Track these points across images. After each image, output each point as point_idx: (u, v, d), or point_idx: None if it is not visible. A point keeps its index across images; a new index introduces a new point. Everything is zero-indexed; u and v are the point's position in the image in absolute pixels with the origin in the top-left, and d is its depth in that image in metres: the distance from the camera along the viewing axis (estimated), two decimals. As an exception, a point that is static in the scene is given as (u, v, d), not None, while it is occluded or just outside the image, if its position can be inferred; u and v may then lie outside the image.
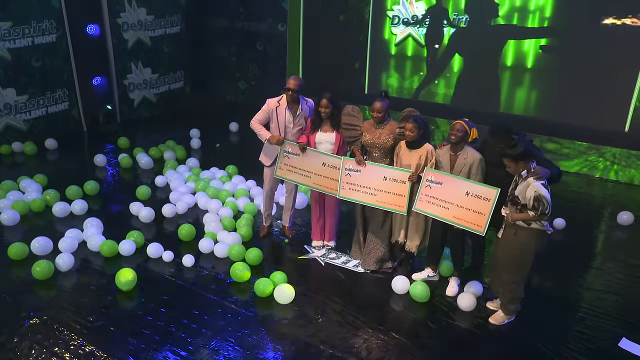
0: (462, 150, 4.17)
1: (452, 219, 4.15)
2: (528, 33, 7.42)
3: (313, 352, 3.84)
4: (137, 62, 9.18)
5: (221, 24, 10.42)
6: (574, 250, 5.34)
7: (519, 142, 3.62)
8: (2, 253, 4.93)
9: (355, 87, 9.07)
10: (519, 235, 3.82)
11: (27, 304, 4.26)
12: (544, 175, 3.60)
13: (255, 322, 4.18)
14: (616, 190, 6.91)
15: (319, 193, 5.04)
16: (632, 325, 4.18)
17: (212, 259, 5.01)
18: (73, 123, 8.48)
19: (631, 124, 7.01)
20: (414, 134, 4.31)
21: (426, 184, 4.30)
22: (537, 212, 3.68)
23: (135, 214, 5.70)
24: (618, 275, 4.92)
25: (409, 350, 3.86)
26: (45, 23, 7.79)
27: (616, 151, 7.15)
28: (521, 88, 7.75)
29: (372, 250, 4.84)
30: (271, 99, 5.02)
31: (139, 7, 8.96)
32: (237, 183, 6.47)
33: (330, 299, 4.46)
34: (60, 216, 5.66)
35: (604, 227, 6.01)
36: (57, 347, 3.78)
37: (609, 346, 3.96)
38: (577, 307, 4.43)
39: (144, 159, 7.13)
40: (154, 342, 3.88)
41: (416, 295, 4.38)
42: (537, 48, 7.38)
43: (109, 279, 4.62)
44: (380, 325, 4.14)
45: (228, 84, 10.76)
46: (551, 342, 3.98)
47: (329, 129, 4.82)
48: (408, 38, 8.44)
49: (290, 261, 5.04)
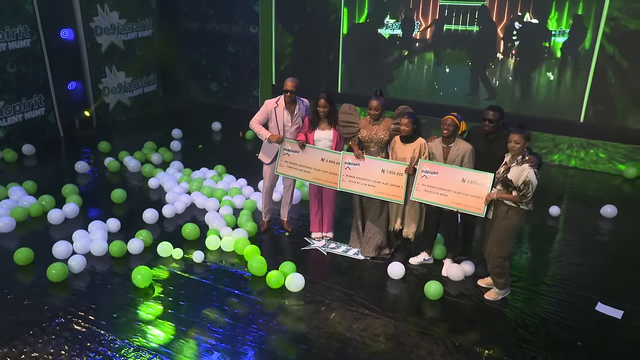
0: (454, 142, 4.61)
1: (452, 205, 4.58)
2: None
3: (331, 332, 4.17)
4: (111, 66, 9.18)
5: (192, 27, 10.53)
6: (546, 230, 5.92)
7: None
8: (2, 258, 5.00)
9: (329, 86, 9.42)
10: (510, 214, 4.29)
11: (49, 305, 4.37)
12: (537, 163, 4.08)
13: (272, 309, 4.47)
14: (574, 176, 7.61)
15: (317, 187, 5.37)
16: (605, 291, 4.75)
17: (218, 254, 5.24)
18: (50, 129, 8.42)
19: (585, 115, 7.75)
20: (408, 129, 4.71)
21: (422, 174, 4.71)
22: (519, 193, 4.17)
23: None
24: (588, 250, 5.52)
25: (416, 328, 4.26)
26: (19, 28, 7.71)
27: (573, 140, 7.86)
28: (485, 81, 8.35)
29: (372, 238, 5.21)
30: (269, 100, 5.30)
31: (111, 11, 8.98)
32: (229, 182, 6.69)
33: (338, 285, 4.80)
34: (56, 223, 5.71)
35: (571, 208, 6.62)
36: (88, 342, 3.94)
37: (588, 310, 4.50)
38: (556, 279, 4.97)
39: (132, 162, 7.22)
40: (181, 333, 4.11)
41: (431, 293, 4.59)
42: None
43: (123, 277, 4.79)
44: (387, 306, 4.53)
45: (200, 86, 10.88)
46: (539, 311, 4.48)
47: (327, 127, 5.15)
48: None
49: (293, 253, 5.34)
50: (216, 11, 10.27)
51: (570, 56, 7.65)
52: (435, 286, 4.58)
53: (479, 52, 8.30)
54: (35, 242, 5.31)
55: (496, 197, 4.29)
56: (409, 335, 4.16)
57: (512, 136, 4.13)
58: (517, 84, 8.12)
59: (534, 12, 7.76)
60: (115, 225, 5.56)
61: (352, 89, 9.32)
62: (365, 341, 4.08)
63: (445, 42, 8.47)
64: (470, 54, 8.37)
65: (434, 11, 8.44)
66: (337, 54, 9.33)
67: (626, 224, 6.10)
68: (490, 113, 4.50)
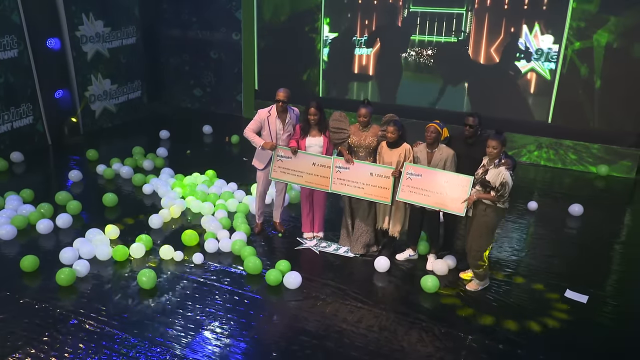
0: (438, 148, 5.02)
1: (435, 204, 4.99)
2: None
3: (328, 324, 4.52)
4: (96, 73, 9.34)
5: (175, 34, 10.76)
6: (520, 225, 6.40)
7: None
8: (8, 266, 5.22)
9: (310, 91, 9.77)
10: (488, 212, 4.72)
11: (60, 308, 4.60)
12: (512, 166, 4.51)
13: (272, 306, 4.81)
14: (544, 173, 8.14)
15: (309, 190, 5.72)
16: (573, 279, 5.23)
17: (217, 256, 5.54)
18: (38, 137, 8.54)
19: (553, 116, 8.30)
20: (394, 136, 5.10)
21: (407, 177, 5.10)
22: (497, 194, 4.60)
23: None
24: (558, 242, 6.02)
25: (406, 318, 4.65)
26: (6, 38, 7.83)
27: (542, 140, 8.40)
28: (457, 87, 8.84)
29: (360, 236, 5.59)
30: (262, 110, 5.63)
31: (96, 20, 9.14)
32: (221, 186, 6.97)
33: (331, 281, 5.16)
34: (46, 232, 5.88)
35: (542, 204, 7.12)
36: (103, 341, 4.20)
37: (558, 296, 4.97)
38: (531, 270, 5.44)
39: (124, 169, 7.43)
40: (190, 330, 4.40)
41: (428, 287, 4.98)
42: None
43: (128, 280, 5.05)
44: (378, 299, 4.92)
45: (184, 91, 11.10)
46: (515, 298, 4.93)
47: (317, 134, 5.50)
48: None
49: (287, 252, 5.67)
50: (199, 18, 10.51)
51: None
52: (432, 280, 4.98)
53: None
54: (36, 249, 5.53)
55: (476, 197, 4.70)
56: (399, 325, 4.54)
57: (490, 142, 4.55)
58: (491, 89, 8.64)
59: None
60: (115, 232, 5.79)
61: (333, 94, 9.71)
62: (360, 331, 4.45)
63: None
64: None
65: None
66: (318, 62, 9.68)
67: (593, 218, 6.63)
68: (470, 119, 4.93)
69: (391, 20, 9.03)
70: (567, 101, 8.12)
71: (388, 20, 9.05)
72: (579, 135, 8.15)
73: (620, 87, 7.75)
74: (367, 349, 4.24)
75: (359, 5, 9.15)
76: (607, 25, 7.63)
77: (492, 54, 8.47)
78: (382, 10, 9.04)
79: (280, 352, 4.20)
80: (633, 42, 7.56)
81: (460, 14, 8.59)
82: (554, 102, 8.21)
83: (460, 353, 4.24)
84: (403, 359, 4.15)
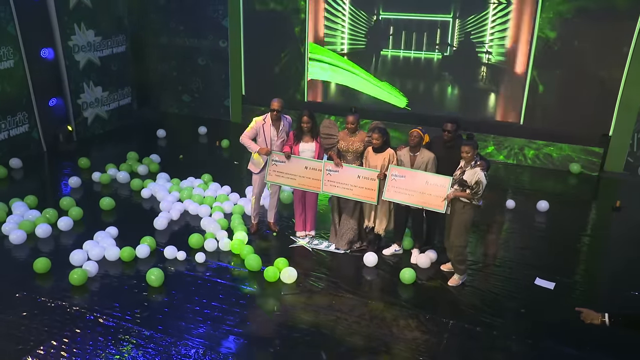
0: (420, 151, 5.52)
1: (418, 203, 5.49)
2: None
3: (324, 314, 4.99)
4: (88, 81, 9.63)
5: (163, 42, 11.07)
6: (495, 221, 6.97)
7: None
8: (20, 268, 5.57)
9: (295, 96, 10.22)
10: (465, 209, 5.24)
11: (75, 305, 4.97)
12: (486, 167, 5.04)
13: (272, 298, 5.26)
14: (516, 171, 8.74)
15: (301, 192, 6.17)
16: (542, 268, 5.80)
17: (217, 255, 5.96)
18: (34, 144, 8.81)
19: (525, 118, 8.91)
20: (379, 142, 5.59)
21: (392, 178, 5.60)
22: (472, 192, 5.12)
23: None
24: (529, 236, 6.60)
25: (395, 307, 5.15)
26: (2, 50, 8.09)
27: (514, 140, 9.01)
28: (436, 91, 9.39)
29: (345, 233, 6.06)
30: (257, 118, 6.05)
31: (87, 29, 9.42)
32: (216, 189, 7.38)
33: (324, 275, 5.63)
34: (45, 236, 6.21)
35: (515, 201, 7.70)
36: (119, 335, 4.60)
37: (529, 284, 5.53)
38: (505, 261, 5.99)
39: (121, 174, 7.78)
40: (199, 322, 4.82)
41: (406, 278, 5.49)
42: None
43: (136, 279, 5.44)
44: (368, 290, 5.43)
45: (172, 97, 11.43)
46: (491, 287, 5.47)
47: (310, 140, 5.96)
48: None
49: (282, 250, 6.12)
50: (186, 27, 10.85)
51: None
52: (409, 273, 5.49)
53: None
54: (44, 252, 5.88)
55: (453, 195, 5.22)
56: (388, 313, 5.04)
57: (463, 147, 5.07)
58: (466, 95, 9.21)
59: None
60: (117, 233, 6.17)
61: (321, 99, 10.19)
62: (353, 319, 4.93)
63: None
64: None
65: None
66: (303, 68, 10.13)
67: (561, 214, 7.22)
68: (448, 125, 5.45)
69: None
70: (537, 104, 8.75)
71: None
72: (548, 135, 8.78)
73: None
74: (360, 335, 4.72)
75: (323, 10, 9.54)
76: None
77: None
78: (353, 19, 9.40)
79: (282, 339, 4.66)
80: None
81: (446, 22, 9.02)
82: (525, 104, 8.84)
83: (443, 336, 4.75)
84: (392, 342, 4.65)
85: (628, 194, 7.90)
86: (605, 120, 8.43)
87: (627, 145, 8.41)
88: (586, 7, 8.11)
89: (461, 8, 8.77)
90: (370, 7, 9.27)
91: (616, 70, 8.16)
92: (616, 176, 8.49)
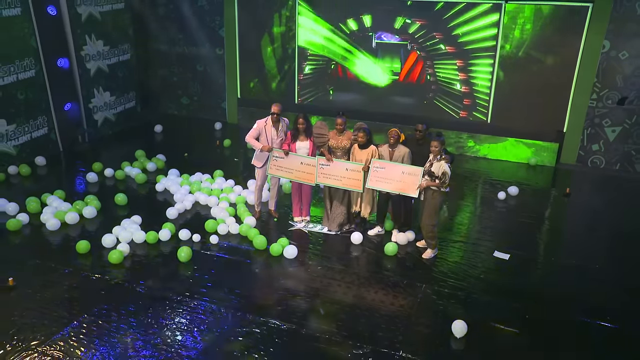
0: (397, 147, 6.64)
1: (396, 189, 6.60)
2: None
3: (321, 282, 6.09)
4: (98, 87, 10.57)
5: (164, 49, 12.04)
6: (463, 206, 8.14)
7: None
8: (61, 250, 6.57)
9: (288, 98, 11.27)
10: (435, 195, 6.37)
11: (114, 277, 6.00)
12: (450, 160, 6.17)
13: (276, 271, 6.34)
14: (482, 164, 9.94)
15: (298, 184, 7.25)
16: (500, 243, 6.96)
17: (227, 237, 7.01)
18: (52, 145, 9.74)
19: (492, 116, 10.10)
20: (364, 140, 6.69)
21: (374, 169, 6.70)
22: (440, 181, 6.25)
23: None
24: (492, 218, 7.78)
25: (379, 275, 6.26)
26: (26, 61, 9.00)
27: (482, 137, 10.20)
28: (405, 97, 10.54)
29: (336, 217, 7.16)
30: (260, 120, 7.10)
31: (97, 40, 10.36)
32: (221, 183, 8.42)
33: (319, 252, 6.73)
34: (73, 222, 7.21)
35: (483, 189, 8.88)
36: (155, 301, 5.63)
37: (489, 256, 6.69)
38: (470, 238, 7.15)
39: (133, 170, 8.77)
40: (219, 290, 5.87)
41: (389, 251, 6.65)
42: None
43: (162, 257, 6.47)
44: (356, 263, 6.54)
45: (172, 100, 12.41)
46: (457, 259, 6.62)
47: (305, 139, 7.04)
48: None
49: (282, 232, 7.19)
50: (185, 35, 11.83)
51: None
52: (392, 246, 6.63)
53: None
54: (80, 236, 6.88)
55: (425, 185, 6.33)
56: (373, 280, 6.16)
57: (432, 143, 6.20)
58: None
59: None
60: (140, 220, 7.19)
61: (309, 101, 11.26)
62: (344, 285, 6.03)
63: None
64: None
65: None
66: (293, 71, 11.20)
67: (520, 199, 8.41)
68: (419, 126, 6.59)
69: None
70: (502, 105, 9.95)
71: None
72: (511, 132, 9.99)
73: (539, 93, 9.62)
74: (350, 296, 5.83)
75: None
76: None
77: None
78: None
79: (287, 302, 5.74)
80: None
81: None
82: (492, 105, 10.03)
83: (418, 296, 5.88)
84: (379, 300, 5.76)
85: (579, 182, 9.15)
86: (560, 119, 9.67)
87: (579, 140, 9.65)
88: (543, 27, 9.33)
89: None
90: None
91: (567, 77, 9.40)
92: (570, 167, 9.73)
